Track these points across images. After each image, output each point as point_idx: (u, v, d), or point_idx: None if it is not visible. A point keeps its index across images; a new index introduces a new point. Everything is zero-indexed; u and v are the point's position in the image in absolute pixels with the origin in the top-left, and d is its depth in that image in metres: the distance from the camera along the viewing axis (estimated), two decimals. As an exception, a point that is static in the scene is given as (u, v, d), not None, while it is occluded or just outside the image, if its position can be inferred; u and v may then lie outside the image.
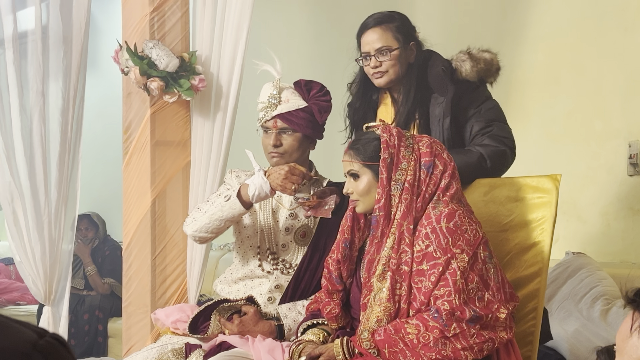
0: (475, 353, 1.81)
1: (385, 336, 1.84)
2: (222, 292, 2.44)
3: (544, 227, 2.11)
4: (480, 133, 2.33)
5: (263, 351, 2.14)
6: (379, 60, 2.39)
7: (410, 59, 2.43)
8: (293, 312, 2.30)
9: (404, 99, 2.41)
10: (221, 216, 2.30)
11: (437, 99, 2.38)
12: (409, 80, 2.41)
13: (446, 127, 2.33)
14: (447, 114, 2.33)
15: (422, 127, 2.38)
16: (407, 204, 1.91)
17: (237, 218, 2.34)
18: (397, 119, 2.41)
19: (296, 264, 2.37)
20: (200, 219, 2.35)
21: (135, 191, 2.99)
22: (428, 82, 2.41)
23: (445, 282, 1.84)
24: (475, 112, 2.36)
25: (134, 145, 2.96)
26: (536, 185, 2.16)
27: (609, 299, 3.02)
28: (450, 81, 2.35)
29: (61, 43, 2.90)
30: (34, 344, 0.59)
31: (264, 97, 2.37)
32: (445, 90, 2.35)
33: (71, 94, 2.93)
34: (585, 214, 3.65)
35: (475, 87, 2.39)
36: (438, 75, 2.37)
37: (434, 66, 2.40)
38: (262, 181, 2.23)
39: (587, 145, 3.71)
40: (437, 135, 2.33)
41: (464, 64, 2.35)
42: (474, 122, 2.35)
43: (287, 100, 2.35)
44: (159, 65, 2.76)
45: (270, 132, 2.36)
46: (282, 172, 2.22)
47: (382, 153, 1.94)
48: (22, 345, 0.59)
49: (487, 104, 2.39)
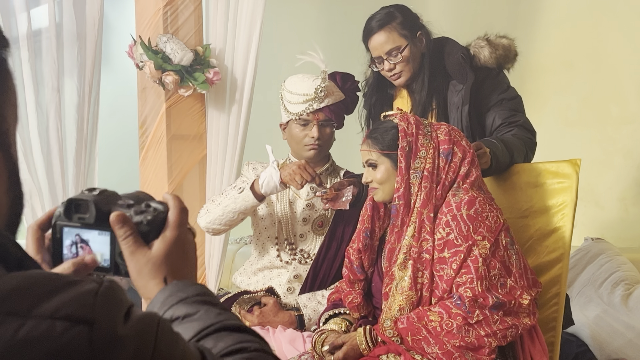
0: (499, 339, 1.81)
1: (408, 324, 1.84)
2: (242, 284, 2.45)
3: (564, 213, 2.10)
4: (506, 122, 2.30)
5: (284, 342, 2.15)
6: (391, 62, 2.36)
7: (422, 49, 2.40)
8: (313, 302, 2.31)
9: (419, 88, 2.39)
10: (234, 208, 2.30)
11: (455, 86, 2.35)
12: (423, 69, 2.39)
13: (465, 115, 2.31)
14: (466, 101, 2.30)
15: (440, 115, 2.37)
16: (427, 192, 1.91)
17: (249, 210, 2.34)
18: (414, 110, 2.40)
19: (314, 254, 2.37)
20: (213, 211, 2.35)
21: (153, 186, 3.00)
22: (445, 70, 2.38)
23: (467, 269, 1.83)
24: (497, 101, 2.33)
25: (150, 139, 2.97)
26: (556, 170, 2.15)
27: (629, 283, 3.00)
28: (469, 68, 2.33)
29: (75, 40, 2.90)
30: (96, 291, 0.64)
31: (308, 89, 2.30)
32: (464, 77, 2.32)
33: (86, 90, 2.94)
34: (602, 199, 3.64)
35: (496, 74, 2.36)
36: (457, 62, 2.34)
37: (452, 53, 2.37)
38: (274, 171, 2.22)
39: (603, 130, 3.69)
40: (456, 123, 2.31)
41: (483, 50, 2.33)
42: (497, 111, 2.32)
43: (332, 92, 2.34)
44: (174, 59, 2.76)
45: (310, 124, 2.33)
46: (295, 166, 2.22)
47: (400, 141, 1.93)
48: (87, 294, 0.63)
49: (510, 92, 2.36)
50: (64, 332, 0.60)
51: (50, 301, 0.62)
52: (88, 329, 0.61)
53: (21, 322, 0.60)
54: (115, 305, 0.65)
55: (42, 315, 0.61)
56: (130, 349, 0.63)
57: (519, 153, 2.22)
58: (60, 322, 0.61)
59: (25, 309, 0.61)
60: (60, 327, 0.60)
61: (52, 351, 0.59)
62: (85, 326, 0.61)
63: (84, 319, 0.62)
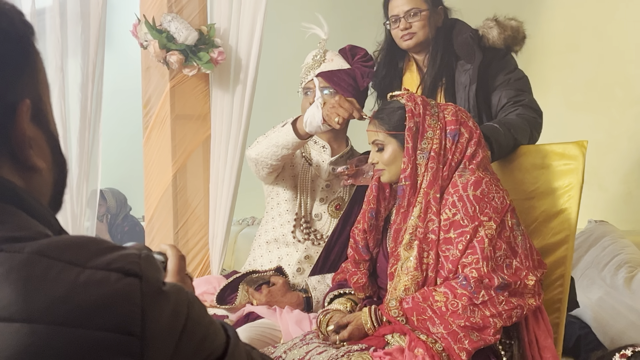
0: (504, 320, 1.81)
1: (414, 304, 1.85)
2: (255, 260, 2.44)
3: (570, 194, 2.10)
4: (511, 102, 2.30)
5: (290, 322, 2.15)
6: (408, 22, 2.38)
7: (438, 23, 2.42)
8: (322, 285, 2.31)
9: (431, 62, 2.40)
10: (277, 142, 2.24)
11: (463, 65, 2.35)
12: (437, 43, 2.40)
13: (472, 94, 2.31)
14: (474, 80, 2.31)
15: (448, 92, 2.37)
16: (434, 172, 1.91)
17: (291, 147, 2.24)
18: (424, 84, 2.40)
19: (327, 236, 2.38)
20: (262, 143, 2.31)
21: (156, 166, 3.00)
22: (454, 49, 2.39)
23: (473, 250, 1.83)
24: (504, 81, 2.34)
25: (154, 119, 2.96)
26: (562, 152, 2.14)
27: (632, 266, 3.01)
28: (477, 48, 2.33)
29: (79, 18, 2.88)
30: (139, 254, 0.73)
31: (308, 59, 2.36)
32: (472, 57, 2.32)
33: (90, 70, 2.93)
34: (606, 182, 3.63)
35: (503, 54, 2.37)
36: (465, 42, 2.35)
37: (460, 33, 2.38)
38: (316, 110, 2.13)
39: (608, 113, 3.68)
40: (463, 102, 2.31)
41: (491, 30, 2.33)
42: (503, 90, 2.32)
43: (331, 60, 2.34)
44: (178, 39, 2.74)
45: (311, 92, 2.34)
46: (333, 100, 2.11)
47: (407, 122, 1.92)
48: (133, 255, 0.72)
49: (517, 73, 2.37)
50: (118, 281, 0.69)
51: (102, 256, 0.71)
52: (138, 281, 0.70)
53: (80, 270, 0.69)
54: (156, 267, 0.75)
55: (97, 267, 0.69)
56: (171, 303, 0.72)
57: (523, 134, 2.21)
58: (113, 273, 0.70)
59: (82, 260, 0.70)
60: (114, 277, 0.69)
61: (110, 295, 0.68)
62: (135, 278, 0.70)
63: (133, 272, 0.71)
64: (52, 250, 0.69)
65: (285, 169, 2.43)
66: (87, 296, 0.67)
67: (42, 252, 0.69)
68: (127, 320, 0.68)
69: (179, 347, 0.71)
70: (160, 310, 0.70)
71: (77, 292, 0.67)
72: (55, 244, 0.70)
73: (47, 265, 0.68)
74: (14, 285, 0.66)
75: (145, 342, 0.68)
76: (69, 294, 0.67)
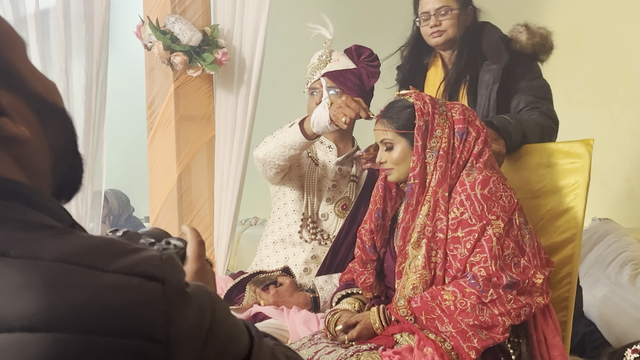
0: (513, 318, 1.81)
1: (422, 303, 1.85)
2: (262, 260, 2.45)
3: (577, 193, 2.10)
4: (528, 107, 2.34)
5: (298, 322, 2.15)
6: (438, 19, 2.44)
7: (467, 22, 2.48)
8: (329, 285, 2.31)
9: (457, 59, 2.46)
10: (284, 142, 2.24)
11: (488, 65, 2.40)
12: (464, 42, 2.46)
13: (494, 94, 2.36)
14: (497, 80, 2.35)
15: (470, 90, 2.42)
16: (442, 171, 1.91)
17: (298, 148, 2.24)
18: (447, 79, 2.46)
19: (334, 236, 2.38)
20: (269, 143, 2.31)
21: (161, 167, 3.00)
22: (481, 49, 2.44)
23: (481, 248, 1.84)
24: (526, 87, 2.38)
25: (159, 120, 2.96)
26: (568, 150, 2.15)
27: (637, 263, 3.01)
28: (505, 49, 2.38)
29: (82, 20, 2.88)
30: (160, 256, 0.71)
31: (314, 59, 2.37)
32: (499, 57, 2.38)
33: (94, 71, 2.92)
34: (609, 180, 3.64)
35: (529, 61, 2.42)
36: (495, 42, 2.40)
37: (489, 34, 2.44)
38: (323, 110, 2.13)
39: (610, 111, 3.68)
40: (484, 100, 2.36)
41: (521, 35, 2.39)
42: (523, 95, 2.37)
43: (337, 60, 2.35)
44: (182, 40, 2.75)
45: (317, 92, 2.34)
46: (340, 100, 2.12)
47: (417, 121, 1.93)
48: (154, 258, 0.71)
49: (539, 81, 2.42)
50: (141, 285, 0.68)
51: (124, 259, 0.69)
52: (161, 285, 0.68)
53: (102, 274, 0.67)
54: (178, 269, 0.72)
55: (119, 271, 0.68)
56: (195, 305, 0.70)
57: (533, 134, 2.23)
58: (136, 278, 0.68)
59: (103, 264, 0.68)
60: (137, 281, 0.68)
61: (133, 301, 0.66)
62: (157, 283, 0.68)
63: (154, 276, 0.69)
64: (74, 255, 0.68)
65: (292, 169, 2.44)
66: (109, 302, 0.66)
67: (63, 258, 0.67)
68: (151, 326, 0.66)
69: (204, 351, 0.70)
70: (185, 314, 0.69)
71: (100, 298, 0.66)
72: (76, 248, 0.69)
73: (69, 272, 0.66)
74: (36, 294, 0.64)
75: (170, 348, 0.67)
76: (93, 300, 0.65)
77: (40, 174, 0.80)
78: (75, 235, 0.72)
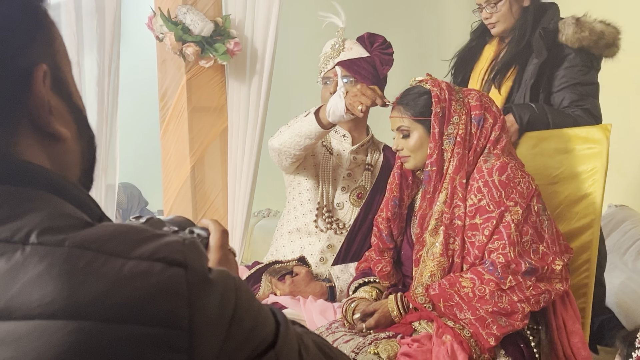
0: (532, 305, 1.80)
1: (440, 290, 1.84)
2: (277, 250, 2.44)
3: (595, 178, 2.09)
4: (572, 105, 2.32)
5: (315, 312, 2.15)
6: (488, 12, 2.46)
7: (523, 3, 2.45)
8: (345, 274, 2.30)
9: (514, 41, 2.44)
10: (300, 131, 2.24)
11: (533, 59, 2.38)
12: (522, 24, 2.44)
13: (528, 89, 2.35)
14: (533, 76, 2.34)
15: (518, 74, 2.41)
16: (460, 158, 1.90)
17: (314, 137, 2.23)
18: (499, 57, 2.47)
19: (349, 224, 2.37)
20: (285, 133, 2.30)
21: (174, 159, 2.99)
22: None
23: (500, 235, 1.82)
24: (572, 84, 2.34)
25: (171, 112, 2.95)
26: (586, 136, 2.13)
27: (654, 250, 2.99)
28: (544, 45, 2.33)
29: (94, 12, 2.88)
30: (183, 242, 0.70)
31: (327, 48, 2.36)
32: (540, 53, 2.35)
33: (106, 64, 2.92)
34: (624, 166, 3.61)
35: (575, 55, 2.34)
36: (537, 36, 2.38)
37: (544, 22, 2.40)
38: (339, 100, 2.12)
39: (624, 96, 3.65)
40: (522, 93, 2.33)
41: (568, 28, 2.34)
42: (569, 93, 2.33)
43: (350, 48, 2.33)
44: (194, 30, 2.74)
45: (330, 82, 2.33)
46: (355, 89, 2.10)
47: (433, 107, 1.91)
48: (176, 243, 0.69)
49: (588, 77, 2.36)
50: (163, 271, 0.66)
51: (145, 246, 0.68)
52: (183, 271, 0.67)
53: (124, 261, 0.66)
54: (201, 254, 0.71)
55: (141, 257, 0.67)
56: (218, 291, 0.69)
57: (562, 121, 2.23)
58: (158, 263, 0.67)
59: (125, 250, 0.67)
60: (159, 267, 0.67)
61: (155, 287, 0.66)
62: (180, 268, 0.67)
63: (177, 262, 0.68)
64: (93, 242, 0.67)
65: (307, 159, 2.43)
66: (131, 289, 0.65)
67: (83, 245, 0.66)
68: (174, 313, 0.65)
69: (228, 337, 0.69)
70: (208, 300, 0.68)
71: (122, 285, 0.65)
72: (96, 235, 0.68)
73: (89, 259, 0.65)
74: (57, 281, 0.64)
75: (194, 335, 0.66)
76: (113, 287, 0.64)
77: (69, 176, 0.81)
78: (102, 225, 0.71)
